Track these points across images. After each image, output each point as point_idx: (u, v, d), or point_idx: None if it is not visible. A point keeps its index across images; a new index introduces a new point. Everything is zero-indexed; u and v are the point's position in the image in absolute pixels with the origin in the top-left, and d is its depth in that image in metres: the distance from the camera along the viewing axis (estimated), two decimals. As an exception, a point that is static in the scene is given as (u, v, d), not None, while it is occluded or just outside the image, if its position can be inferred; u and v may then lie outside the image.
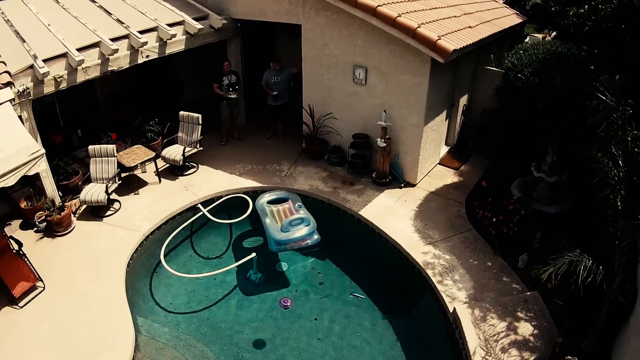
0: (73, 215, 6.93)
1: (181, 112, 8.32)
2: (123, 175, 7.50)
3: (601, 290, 4.34)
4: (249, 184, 7.85)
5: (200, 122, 8.13)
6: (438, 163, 8.52)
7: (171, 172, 8.20)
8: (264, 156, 8.77)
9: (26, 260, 5.73)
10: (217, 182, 7.90)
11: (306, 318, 5.88)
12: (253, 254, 6.31)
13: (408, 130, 7.40)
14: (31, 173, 5.32)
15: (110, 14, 7.83)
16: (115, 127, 8.68)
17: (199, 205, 7.34)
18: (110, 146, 7.19)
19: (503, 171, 7.78)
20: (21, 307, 5.43)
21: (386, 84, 7.31)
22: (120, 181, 7.27)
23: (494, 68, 8.73)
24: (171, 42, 7.87)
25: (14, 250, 5.76)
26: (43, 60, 6.29)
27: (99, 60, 6.96)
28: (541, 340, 4.93)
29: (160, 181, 7.95)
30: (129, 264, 6.21)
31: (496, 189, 6.92)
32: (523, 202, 6.45)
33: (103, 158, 7.19)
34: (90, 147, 7.21)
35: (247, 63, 9.88)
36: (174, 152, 7.97)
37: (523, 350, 4.82)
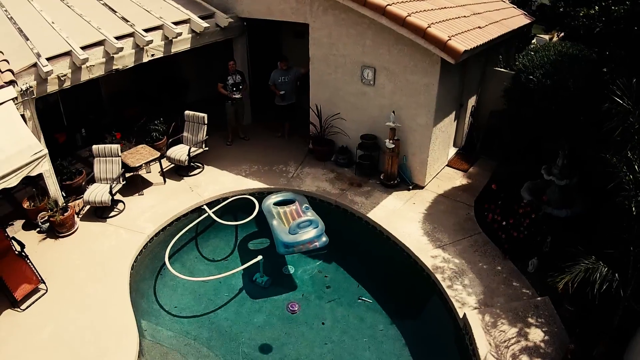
0: (76, 215, 6.85)
1: (186, 112, 8.23)
2: (127, 175, 7.41)
3: (612, 295, 4.25)
4: (255, 185, 7.76)
5: (206, 122, 8.05)
6: (446, 165, 8.42)
7: (176, 173, 8.12)
8: (270, 157, 8.68)
9: (28, 262, 5.66)
10: (223, 183, 7.81)
11: (313, 322, 5.79)
12: (259, 257, 6.22)
13: (417, 131, 7.31)
14: (33, 174, 5.22)
15: (115, 12, 7.75)
16: (119, 127, 8.61)
17: (204, 206, 7.26)
18: (114, 146, 7.11)
19: (512, 173, 7.67)
20: (23, 310, 5.36)
21: (395, 85, 7.21)
22: (124, 181, 7.18)
23: (503, 69, 8.62)
24: (177, 41, 7.78)
25: (16, 251, 5.69)
26: (46, 58, 6.20)
27: (104, 58, 6.87)
28: (552, 346, 4.86)
29: (165, 182, 7.87)
30: (133, 266, 6.13)
31: (505, 192, 6.82)
32: (533, 206, 6.35)
33: (107, 158, 7.11)
34: (94, 147, 7.13)
35: (254, 62, 9.79)
36: (179, 152, 7.89)
37: (534, 356, 4.75)
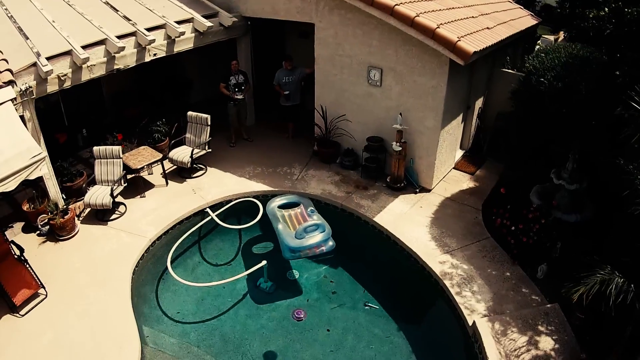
0: (77, 218, 6.73)
1: (189, 113, 8.10)
2: (129, 177, 7.27)
3: (624, 303, 4.12)
4: (259, 188, 7.63)
5: (209, 123, 7.91)
6: (453, 167, 8.28)
7: (179, 174, 7.98)
8: (275, 158, 8.54)
9: (28, 266, 5.54)
10: (226, 185, 7.68)
11: (318, 329, 5.68)
12: (264, 262, 6.10)
13: (424, 133, 7.18)
14: (32, 177, 5.08)
15: (116, 11, 7.62)
16: (121, 127, 8.48)
17: (208, 209, 7.13)
18: (115, 147, 6.98)
19: (519, 177, 7.55)
20: (22, 316, 5.25)
21: (402, 86, 7.08)
22: (126, 184, 7.04)
23: (510, 70, 8.49)
24: (179, 40, 7.65)
25: (16, 255, 5.57)
26: (47, 57, 6.08)
27: (105, 58, 6.75)
28: (562, 355, 4.75)
29: (167, 184, 7.74)
30: (135, 271, 6.01)
31: (514, 196, 6.70)
32: (543, 210, 6.24)
33: (108, 160, 6.98)
34: (95, 148, 7.00)
35: (257, 62, 9.65)
36: (182, 154, 7.75)
37: (545, 366, 4.64)
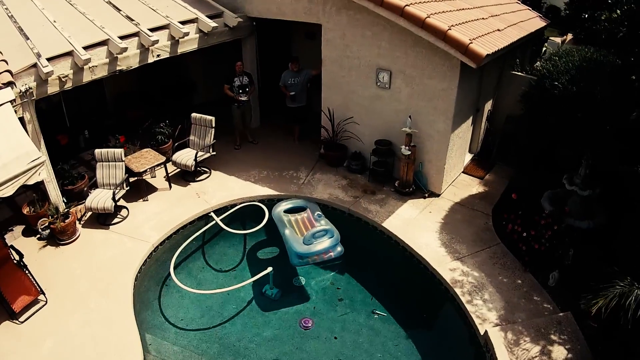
0: (78, 222, 6.58)
1: (193, 114, 7.94)
2: (131, 180, 7.13)
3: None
4: (265, 192, 7.46)
5: (213, 125, 7.75)
6: (462, 172, 8.13)
7: (182, 178, 7.83)
8: (280, 162, 8.38)
9: (27, 272, 5.39)
10: (231, 189, 7.53)
11: (325, 337, 5.52)
12: (269, 269, 5.93)
13: (434, 137, 7.03)
14: (31, 182, 4.92)
15: (119, 11, 7.47)
16: (123, 129, 8.32)
17: (212, 213, 6.98)
18: (117, 150, 6.83)
19: (529, 181, 7.40)
20: (21, 323, 5.12)
21: (412, 89, 6.93)
22: (128, 187, 6.89)
23: (520, 73, 8.34)
24: (183, 41, 7.51)
25: (15, 260, 5.41)
26: (47, 58, 5.94)
27: (107, 59, 6.61)
28: (575, 365, 4.61)
29: (170, 187, 7.58)
30: (137, 277, 5.87)
31: (524, 201, 6.55)
32: (555, 217, 6.09)
33: (110, 163, 6.83)
34: (96, 151, 6.84)
35: (263, 64, 9.51)
36: (186, 157, 7.59)
37: (558, 376, 4.50)
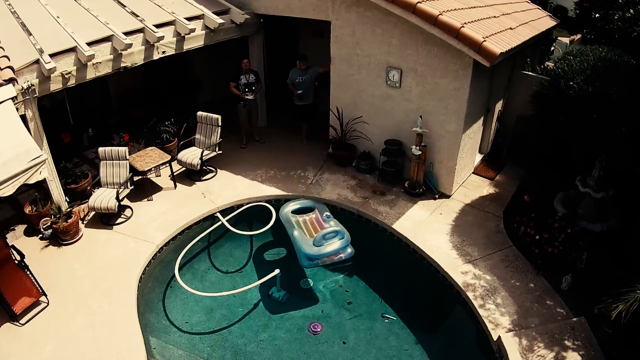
0: (81, 222, 6.45)
1: (199, 113, 7.79)
2: (136, 179, 6.98)
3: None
4: (272, 192, 7.32)
5: (219, 124, 7.61)
6: (472, 172, 7.98)
7: (187, 177, 7.68)
8: (287, 161, 8.23)
9: (28, 272, 5.26)
10: (237, 189, 7.38)
11: (333, 341, 5.39)
12: (277, 271, 5.79)
13: (445, 137, 6.88)
14: (32, 181, 4.77)
15: (124, 6, 7.34)
16: (128, 127, 8.18)
17: (218, 214, 6.83)
18: (121, 149, 6.69)
19: (540, 183, 7.26)
20: (22, 325, 4.99)
21: (423, 88, 6.78)
22: (132, 186, 6.75)
23: (531, 73, 8.20)
24: (189, 38, 7.36)
25: (16, 261, 5.28)
26: (50, 54, 5.81)
27: (111, 55, 6.47)
28: (590, 371, 4.49)
29: (175, 186, 7.44)
30: (141, 278, 5.73)
31: (537, 203, 6.41)
32: (569, 219, 5.95)
33: (114, 161, 6.69)
34: (100, 149, 6.70)
35: (270, 61, 9.37)
36: (191, 156, 7.44)
37: (573, 384, 4.38)
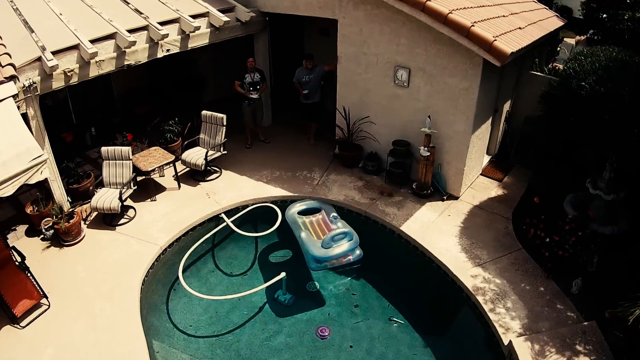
0: (83, 222, 6.34)
1: (204, 112, 7.67)
2: (139, 179, 6.87)
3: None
4: (278, 193, 7.20)
5: (224, 123, 7.49)
6: (480, 174, 7.87)
7: (191, 177, 7.56)
8: (293, 162, 8.11)
9: (29, 274, 5.16)
10: (242, 190, 7.26)
11: (340, 345, 5.29)
12: (283, 274, 5.69)
13: (453, 138, 6.77)
14: (32, 182, 4.66)
15: (127, 3, 7.23)
16: (131, 126, 8.06)
17: (222, 214, 6.72)
18: (125, 148, 6.58)
19: (548, 184, 7.15)
20: (23, 327, 4.90)
21: (431, 87, 6.67)
22: (135, 186, 6.64)
23: (540, 73, 8.09)
24: (194, 35, 7.25)
25: (17, 262, 5.17)
26: (52, 52, 5.71)
27: (115, 53, 6.37)
28: (602, 376, 4.40)
29: (179, 187, 7.32)
30: (144, 281, 5.63)
31: (546, 205, 6.30)
32: (579, 222, 5.84)
33: (117, 161, 6.58)
34: (103, 149, 6.59)
35: (275, 60, 9.25)
36: (196, 156, 7.32)
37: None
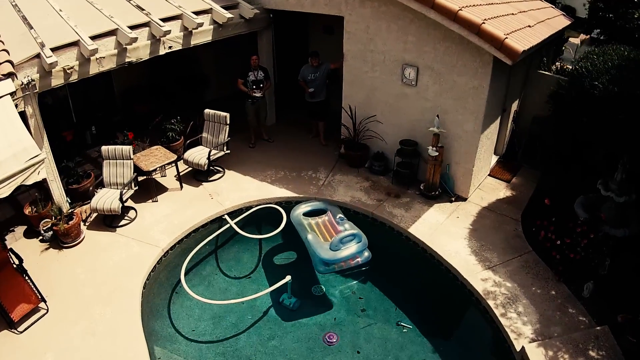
0: (83, 223, 6.19)
1: (207, 110, 7.52)
2: (140, 179, 6.72)
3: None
4: (282, 194, 7.05)
5: (228, 122, 7.33)
6: (488, 174, 7.72)
7: (194, 177, 7.41)
8: (298, 161, 7.96)
9: (27, 277, 5.01)
10: (246, 190, 7.11)
11: (347, 350, 5.16)
12: (288, 278, 5.53)
13: (462, 138, 6.62)
14: (29, 182, 4.52)
15: (129, 0, 7.07)
16: (132, 125, 7.90)
17: (226, 216, 6.57)
18: (125, 147, 6.43)
19: (557, 185, 7.01)
20: (20, 333, 4.76)
21: (440, 86, 6.53)
22: (136, 187, 6.48)
23: (548, 72, 7.97)
24: (197, 32, 7.11)
25: (15, 265, 5.01)
26: (51, 48, 5.58)
27: (115, 50, 6.23)
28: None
29: (181, 187, 7.17)
30: (146, 284, 5.48)
31: (556, 207, 6.17)
32: (591, 224, 5.71)
33: (118, 161, 6.44)
34: (103, 148, 6.44)
35: (279, 58, 9.10)
36: (198, 155, 7.16)
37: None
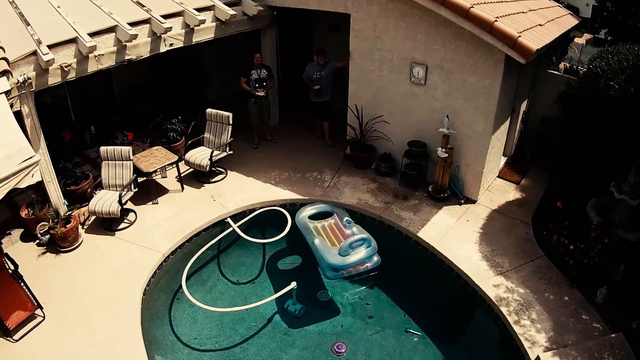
0: (81, 226, 6.01)
1: (208, 110, 7.34)
2: (140, 180, 6.53)
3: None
4: (287, 196, 6.88)
5: (230, 122, 7.16)
6: (497, 176, 7.57)
7: (195, 179, 7.23)
8: (302, 162, 7.78)
9: (23, 284, 4.82)
10: (250, 192, 6.94)
11: (354, 359, 4.99)
12: (293, 284, 5.37)
13: (472, 139, 6.46)
14: (23, 186, 4.31)
15: (129, -4, 6.89)
16: (132, 125, 7.72)
17: (228, 219, 6.39)
18: (125, 148, 6.24)
19: (566, 187, 6.85)
20: (16, 341, 4.61)
21: (449, 86, 6.36)
22: (136, 189, 6.30)
23: (558, 72, 7.81)
24: (199, 29, 6.94)
25: (10, 270, 4.83)
26: (48, 45, 5.41)
27: (115, 47, 6.08)
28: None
29: (182, 189, 6.99)
30: (146, 290, 5.32)
31: (567, 209, 6.01)
32: (605, 228, 5.56)
33: (117, 162, 6.26)
34: (102, 149, 6.26)
35: (283, 56, 8.94)
36: (200, 156, 6.98)
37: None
